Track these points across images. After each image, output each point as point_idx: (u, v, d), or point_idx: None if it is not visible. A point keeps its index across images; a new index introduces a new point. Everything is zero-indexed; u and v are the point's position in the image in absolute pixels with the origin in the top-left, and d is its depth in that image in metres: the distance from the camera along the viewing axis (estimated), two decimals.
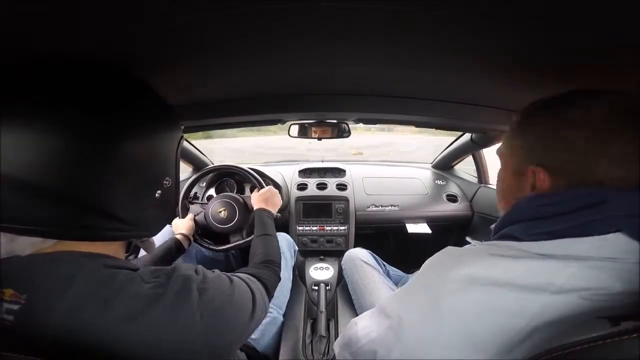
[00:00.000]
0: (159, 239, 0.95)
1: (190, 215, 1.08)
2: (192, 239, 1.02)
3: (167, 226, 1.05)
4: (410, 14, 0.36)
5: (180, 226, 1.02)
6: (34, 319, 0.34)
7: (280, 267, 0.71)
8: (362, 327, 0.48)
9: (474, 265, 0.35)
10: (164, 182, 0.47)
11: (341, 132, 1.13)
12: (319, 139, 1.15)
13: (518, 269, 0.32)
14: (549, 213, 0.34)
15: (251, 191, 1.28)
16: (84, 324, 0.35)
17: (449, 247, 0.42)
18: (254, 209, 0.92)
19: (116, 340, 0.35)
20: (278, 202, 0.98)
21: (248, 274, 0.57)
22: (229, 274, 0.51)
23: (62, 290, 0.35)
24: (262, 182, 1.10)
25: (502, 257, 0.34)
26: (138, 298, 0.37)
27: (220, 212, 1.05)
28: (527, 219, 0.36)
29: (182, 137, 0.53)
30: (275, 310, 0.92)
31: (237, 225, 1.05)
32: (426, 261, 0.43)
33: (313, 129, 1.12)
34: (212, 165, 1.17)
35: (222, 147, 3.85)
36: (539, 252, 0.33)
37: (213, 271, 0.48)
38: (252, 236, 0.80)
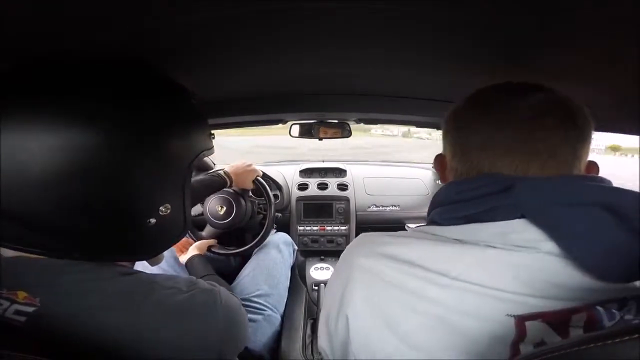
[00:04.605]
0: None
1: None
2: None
3: None
4: (410, 15, 0.36)
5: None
6: (49, 322, 0.34)
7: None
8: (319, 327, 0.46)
9: (387, 244, 0.35)
10: (160, 209, 0.41)
11: (343, 132, 1.13)
12: (320, 138, 1.15)
13: (427, 250, 0.32)
14: (466, 197, 0.33)
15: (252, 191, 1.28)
16: (105, 329, 0.35)
17: (364, 233, 0.41)
18: (189, 255, 0.85)
19: (138, 344, 0.36)
20: (203, 249, 0.93)
21: None
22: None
23: (80, 295, 0.35)
24: (266, 185, 1.08)
25: (419, 239, 0.34)
26: (162, 305, 0.39)
27: (218, 208, 1.04)
28: (445, 202, 0.36)
29: (195, 157, 0.45)
30: (270, 309, 0.88)
31: (233, 221, 1.03)
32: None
33: (321, 129, 1.12)
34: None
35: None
36: (450, 236, 0.32)
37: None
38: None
